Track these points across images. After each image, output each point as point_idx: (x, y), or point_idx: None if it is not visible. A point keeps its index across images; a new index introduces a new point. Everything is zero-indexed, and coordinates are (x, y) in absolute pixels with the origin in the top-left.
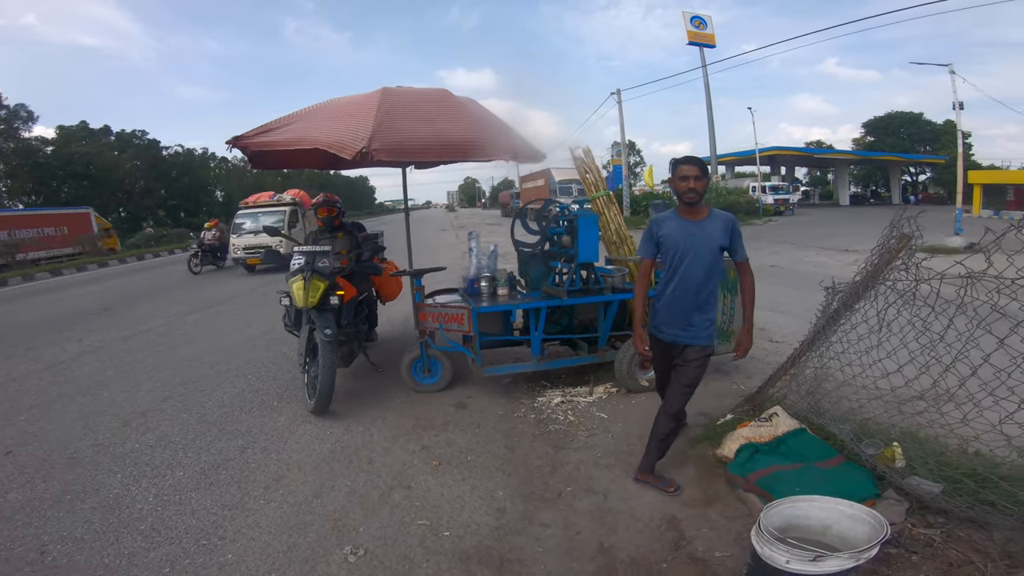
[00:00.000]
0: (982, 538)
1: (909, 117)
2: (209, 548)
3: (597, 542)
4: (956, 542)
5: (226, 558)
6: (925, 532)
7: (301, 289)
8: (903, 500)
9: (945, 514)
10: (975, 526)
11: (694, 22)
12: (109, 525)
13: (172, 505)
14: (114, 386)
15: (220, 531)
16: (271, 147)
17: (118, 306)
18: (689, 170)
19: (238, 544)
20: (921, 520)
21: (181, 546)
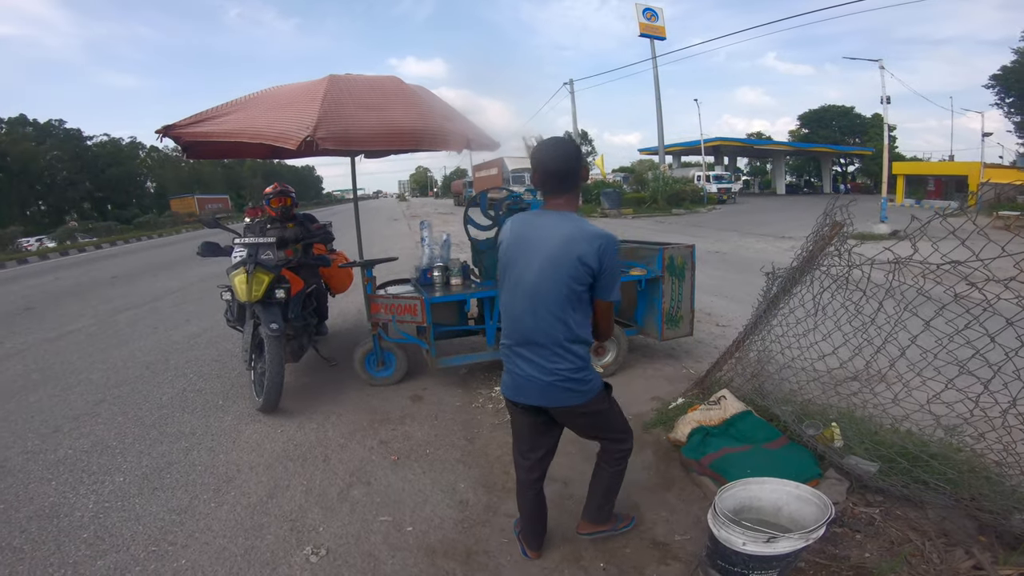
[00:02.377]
0: (919, 516)
1: (841, 111)
2: (160, 554)
3: (561, 531)
4: (895, 520)
5: (180, 564)
6: (866, 511)
7: (244, 283)
8: (843, 479)
9: (883, 493)
10: (912, 504)
11: (646, 14)
12: (48, 534)
13: (115, 511)
14: (42, 390)
15: (170, 536)
16: (207, 138)
17: (42, 305)
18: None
19: (191, 549)
20: (861, 499)
21: (130, 553)
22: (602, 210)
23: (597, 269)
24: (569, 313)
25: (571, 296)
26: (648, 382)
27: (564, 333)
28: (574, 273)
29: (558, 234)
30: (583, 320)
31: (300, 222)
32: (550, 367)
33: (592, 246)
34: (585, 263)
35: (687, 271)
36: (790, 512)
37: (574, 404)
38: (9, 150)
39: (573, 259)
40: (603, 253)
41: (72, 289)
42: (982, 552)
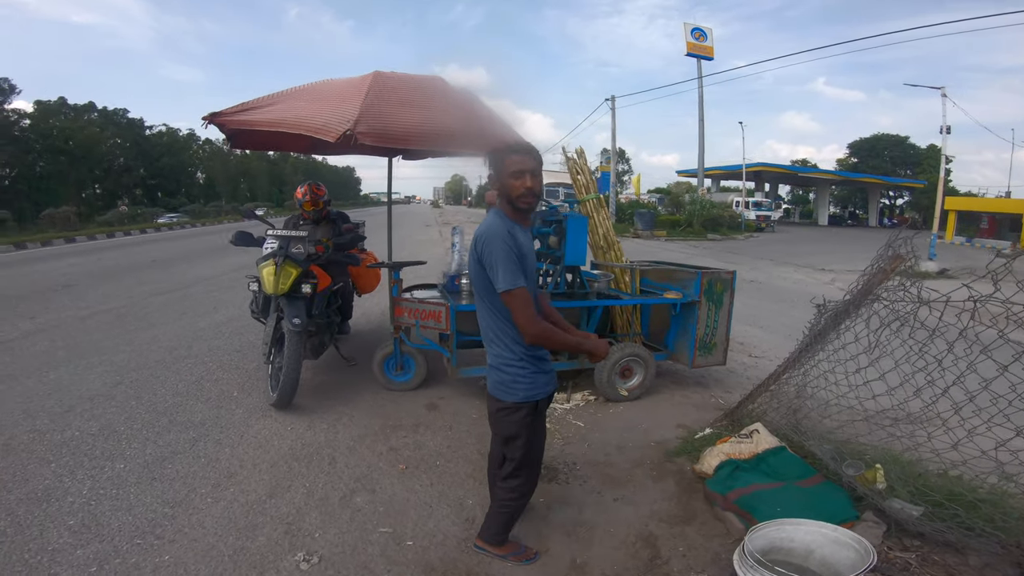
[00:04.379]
0: (958, 563)
1: (894, 140)
2: (144, 548)
3: (570, 557)
4: (932, 566)
5: (162, 559)
6: (901, 555)
7: (272, 275)
8: (881, 522)
9: (922, 537)
10: (951, 550)
11: (694, 34)
12: (35, 518)
13: (108, 500)
14: (63, 368)
15: (159, 530)
16: (250, 126)
17: (81, 284)
18: (527, 163)
19: (177, 545)
20: (897, 543)
21: (112, 544)
22: (634, 230)
23: (479, 259)
24: (488, 302)
25: (483, 286)
26: (675, 409)
27: (490, 321)
28: (474, 262)
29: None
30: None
31: (332, 220)
32: (489, 351)
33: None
34: (474, 253)
35: (726, 298)
36: (823, 555)
37: (492, 393)
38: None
39: (473, 250)
40: (480, 244)
41: (112, 270)
42: None
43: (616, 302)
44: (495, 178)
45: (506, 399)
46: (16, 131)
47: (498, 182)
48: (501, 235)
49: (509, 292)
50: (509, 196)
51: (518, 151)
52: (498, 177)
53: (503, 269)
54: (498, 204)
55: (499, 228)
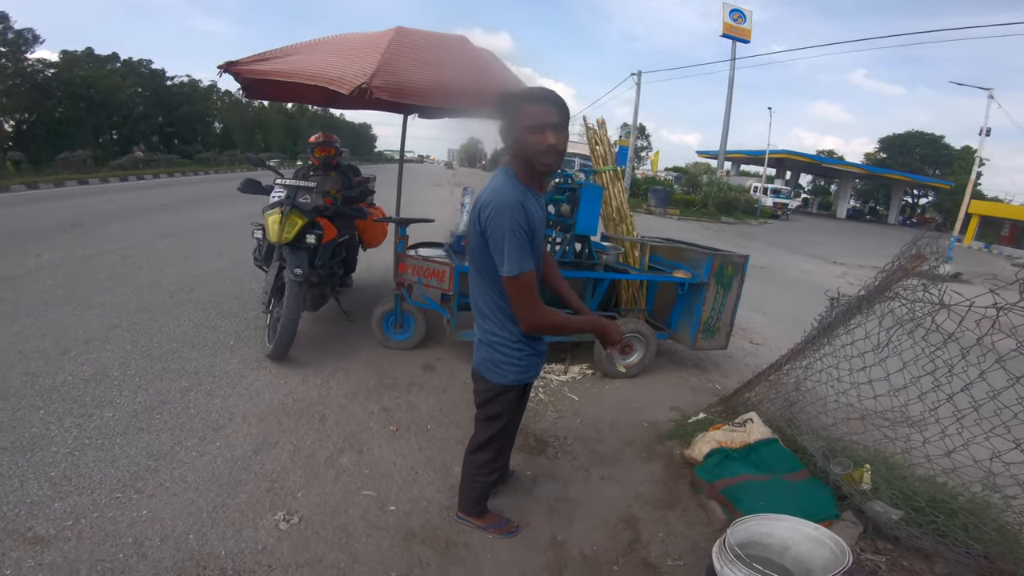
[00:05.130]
0: (924, 569)
1: (928, 138)
2: (123, 501)
3: (551, 533)
4: (899, 571)
5: (140, 514)
6: (872, 558)
7: (277, 223)
8: (859, 523)
9: (895, 541)
10: (920, 556)
11: (733, 15)
12: (16, 468)
13: (92, 450)
14: (62, 308)
15: (139, 483)
16: (265, 76)
17: (89, 223)
18: (549, 116)
19: (157, 499)
20: (871, 545)
21: (91, 497)
22: (647, 206)
23: (481, 230)
24: (487, 276)
25: (483, 259)
26: (671, 390)
27: (487, 295)
28: (476, 232)
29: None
30: (497, 290)
31: (343, 172)
32: (481, 324)
33: (479, 205)
34: (476, 224)
35: (735, 282)
36: (797, 553)
37: (480, 372)
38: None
39: (475, 218)
40: (485, 215)
41: (121, 212)
42: None
43: (623, 276)
44: (506, 131)
45: (495, 380)
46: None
47: (511, 135)
48: (512, 208)
49: (515, 278)
50: (525, 154)
51: (537, 99)
52: (510, 130)
53: (510, 251)
54: (508, 162)
55: (510, 199)
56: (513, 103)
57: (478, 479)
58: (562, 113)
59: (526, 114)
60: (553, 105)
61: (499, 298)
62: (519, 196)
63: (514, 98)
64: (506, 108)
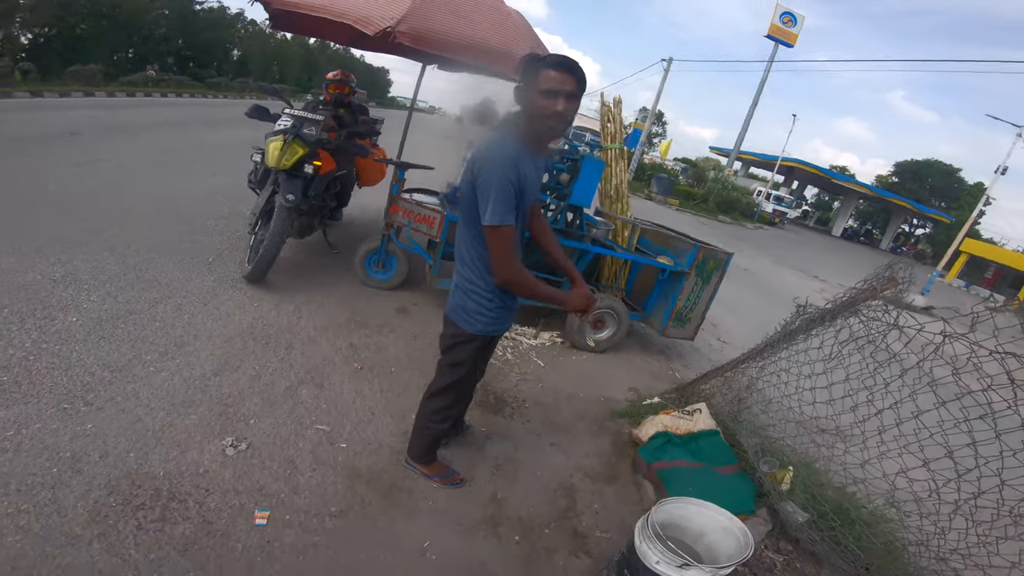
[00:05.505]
0: (812, 573)
1: (944, 169)
2: (69, 413)
3: (492, 491)
4: (791, 572)
5: (84, 427)
6: (772, 556)
7: (277, 149)
8: (769, 521)
9: (796, 543)
10: (813, 561)
11: (783, 17)
12: None
13: (47, 356)
14: (45, 209)
15: (90, 395)
16: (295, 8)
17: (88, 133)
18: (566, 83)
19: (105, 413)
20: (773, 544)
21: (38, 407)
22: (649, 192)
23: (472, 179)
24: (473, 226)
25: (471, 208)
26: (632, 371)
27: (469, 243)
28: (467, 182)
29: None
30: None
31: (352, 111)
32: (459, 271)
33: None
34: (469, 173)
35: (715, 277)
36: (710, 541)
37: (451, 318)
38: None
39: (468, 168)
40: (477, 166)
41: (123, 126)
42: None
43: (609, 252)
44: (522, 89)
45: (464, 328)
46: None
47: (525, 95)
48: (503, 164)
49: (495, 228)
50: (533, 114)
51: (559, 65)
52: (526, 89)
53: (495, 202)
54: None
55: (502, 155)
56: (536, 64)
57: (431, 425)
58: (579, 85)
59: (545, 77)
60: (572, 74)
61: (482, 248)
62: (513, 153)
63: (539, 60)
64: (529, 68)
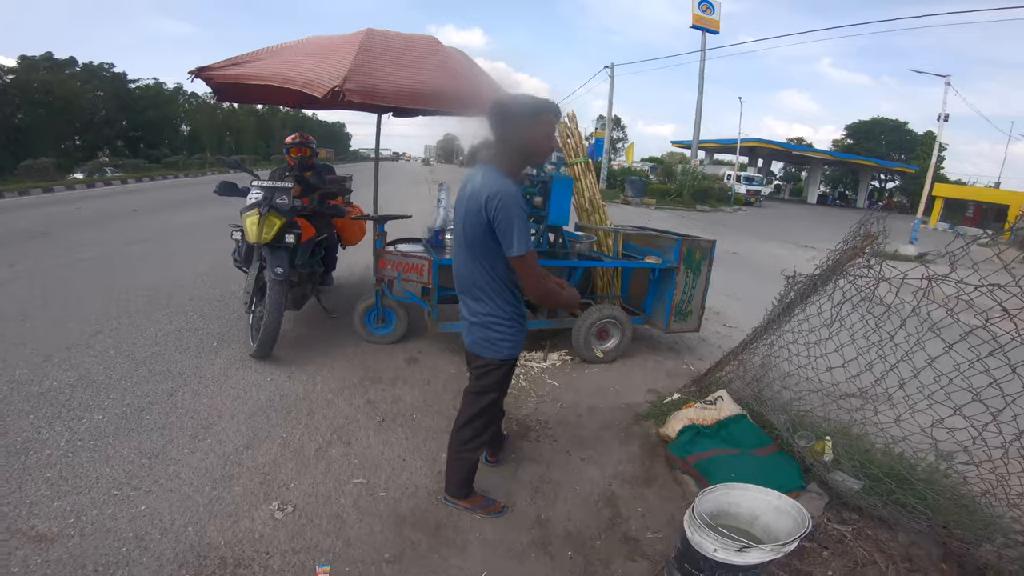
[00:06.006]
0: (887, 539)
1: (893, 124)
2: (121, 499)
3: (535, 514)
4: (864, 540)
5: (138, 509)
6: (839, 528)
7: (255, 224)
8: (824, 494)
9: (860, 511)
10: (884, 526)
11: (702, 6)
12: (13, 471)
13: (85, 451)
14: (41, 316)
15: (135, 481)
16: (238, 80)
17: (59, 231)
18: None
19: (154, 496)
20: (836, 515)
21: (90, 496)
22: (624, 197)
23: (489, 220)
24: (485, 261)
25: (479, 247)
26: (647, 373)
27: (483, 279)
28: (477, 222)
29: (471, 186)
30: (499, 275)
31: (318, 172)
32: (474, 308)
33: (483, 197)
34: (481, 213)
35: (704, 266)
36: (766, 522)
37: (473, 351)
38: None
39: (475, 210)
40: (490, 203)
41: (91, 219)
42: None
43: (597, 263)
44: (518, 130)
45: (493, 356)
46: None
47: (521, 136)
48: (516, 198)
49: (523, 257)
50: (530, 152)
51: (553, 111)
52: (525, 131)
53: (519, 233)
54: (495, 159)
55: (511, 190)
56: (531, 110)
57: (464, 455)
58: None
59: (544, 122)
60: (558, 117)
61: (495, 280)
62: (515, 186)
63: (532, 106)
64: (521, 113)
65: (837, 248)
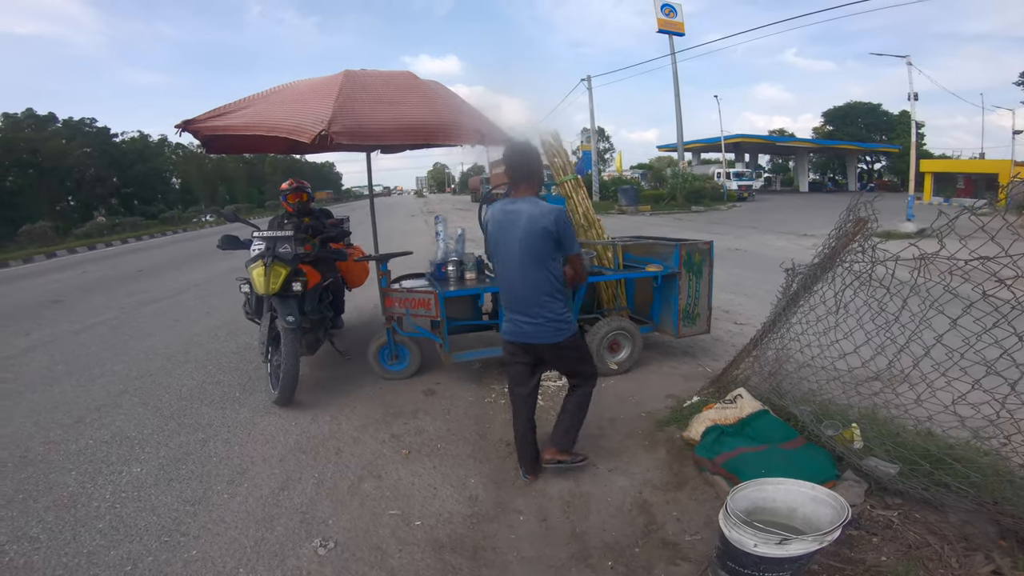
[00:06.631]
0: (938, 520)
1: (867, 107)
2: (172, 545)
3: (570, 528)
4: (913, 524)
5: (191, 554)
6: (884, 513)
7: (261, 276)
8: (862, 481)
9: (902, 495)
10: (931, 508)
11: (664, 10)
12: (66, 524)
13: (131, 502)
14: (65, 381)
15: (183, 527)
16: (225, 131)
17: (70, 298)
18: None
19: (203, 540)
20: (880, 501)
21: (143, 543)
22: (619, 207)
23: (556, 232)
24: (545, 271)
25: (544, 258)
26: (664, 380)
27: (545, 287)
28: (544, 239)
29: (527, 214)
30: (557, 276)
31: (316, 217)
32: (538, 312)
33: (550, 218)
34: (548, 230)
35: (705, 268)
36: (805, 514)
37: (555, 341)
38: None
39: (540, 230)
40: (558, 221)
41: (99, 282)
42: (1002, 557)
43: (600, 277)
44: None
45: (572, 333)
46: None
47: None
48: (566, 213)
49: (579, 253)
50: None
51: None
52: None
53: (574, 237)
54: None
55: (562, 209)
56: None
57: (582, 411)
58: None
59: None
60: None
61: (555, 280)
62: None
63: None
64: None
65: (830, 235)
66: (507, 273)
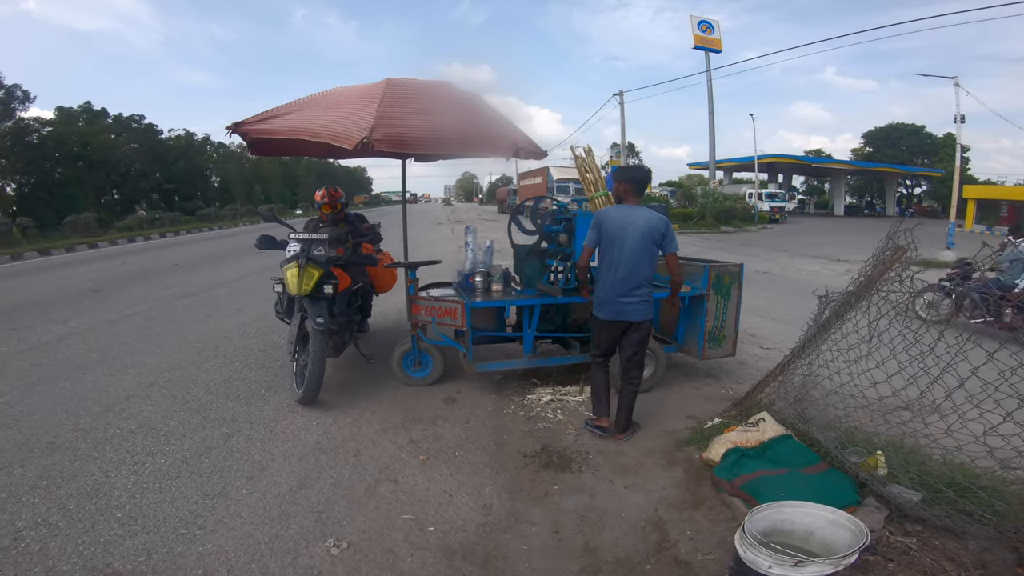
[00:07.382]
0: (957, 547)
1: (910, 129)
2: (188, 537)
3: (583, 541)
4: (931, 551)
5: (205, 548)
6: (902, 540)
7: (295, 276)
8: (882, 507)
9: (923, 522)
10: (951, 535)
11: (701, 26)
12: (85, 512)
13: (151, 493)
14: (98, 370)
15: (200, 520)
16: (272, 135)
17: (108, 288)
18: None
19: (218, 534)
20: (899, 528)
21: (159, 535)
22: None
23: (664, 233)
24: (649, 263)
25: (652, 253)
26: (685, 400)
27: (647, 275)
28: (655, 238)
29: (643, 218)
30: (653, 268)
31: (351, 222)
32: (639, 293)
33: (661, 221)
34: (659, 232)
35: (734, 290)
36: (823, 537)
37: (639, 319)
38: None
39: (653, 230)
40: (667, 225)
41: (137, 274)
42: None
43: None
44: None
45: (647, 318)
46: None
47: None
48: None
49: (676, 252)
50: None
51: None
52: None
53: (676, 240)
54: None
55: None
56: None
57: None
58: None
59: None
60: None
61: (652, 271)
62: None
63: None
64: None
65: (867, 263)
66: (621, 260)
